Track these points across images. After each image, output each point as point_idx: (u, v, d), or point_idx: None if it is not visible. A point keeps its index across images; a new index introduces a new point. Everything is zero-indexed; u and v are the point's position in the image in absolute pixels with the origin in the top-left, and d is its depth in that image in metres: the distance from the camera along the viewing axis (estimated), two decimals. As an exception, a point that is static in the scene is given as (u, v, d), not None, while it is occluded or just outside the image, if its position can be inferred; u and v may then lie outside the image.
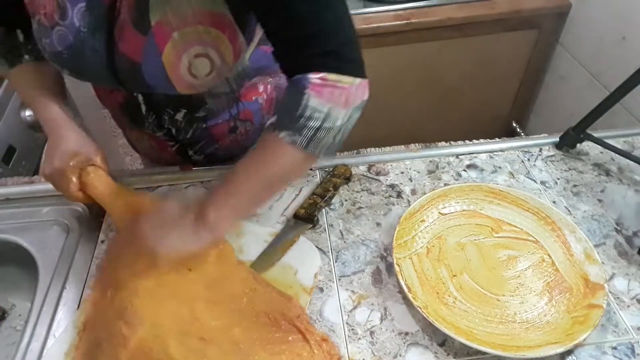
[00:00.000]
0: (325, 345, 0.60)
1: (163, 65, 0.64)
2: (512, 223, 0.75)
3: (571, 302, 0.64)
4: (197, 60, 0.64)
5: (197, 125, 0.80)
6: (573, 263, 0.68)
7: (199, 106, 0.77)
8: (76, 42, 0.65)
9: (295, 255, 0.71)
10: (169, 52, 0.63)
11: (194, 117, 0.79)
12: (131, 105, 0.77)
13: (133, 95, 0.76)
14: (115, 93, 0.78)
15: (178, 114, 0.78)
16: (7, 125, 1.16)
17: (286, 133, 0.56)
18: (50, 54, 0.68)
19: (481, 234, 0.74)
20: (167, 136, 0.82)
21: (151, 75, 0.65)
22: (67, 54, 0.66)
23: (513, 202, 0.76)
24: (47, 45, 0.67)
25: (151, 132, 0.82)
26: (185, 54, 0.63)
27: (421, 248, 0.72)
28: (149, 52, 0.63)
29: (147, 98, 0.76)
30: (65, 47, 0.65)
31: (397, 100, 1.69)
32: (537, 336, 0.60)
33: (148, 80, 0.66)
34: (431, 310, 0.62)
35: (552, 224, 0.73)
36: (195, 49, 0.63)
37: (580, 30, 1.53)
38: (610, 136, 0.90)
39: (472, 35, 1.53)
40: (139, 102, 0.76)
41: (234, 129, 0.84)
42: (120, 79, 0.68)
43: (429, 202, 0.76)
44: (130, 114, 0.80)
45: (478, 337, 0.60)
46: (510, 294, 0.66)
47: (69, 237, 0.75)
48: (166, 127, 0.80)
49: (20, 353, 0.61)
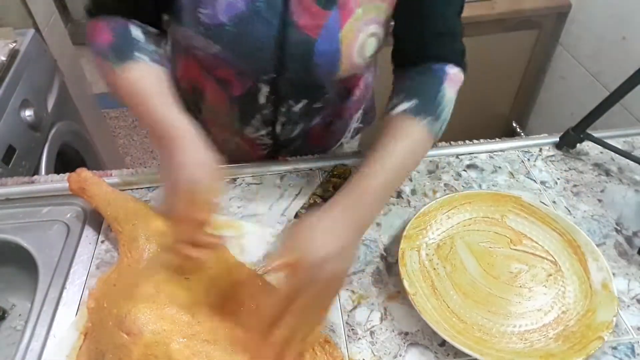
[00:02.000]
0: (327, 347, 0.60)
1: (340, 41, 0.62)
2: (534, 239, 0.73)
3: (573, 334, 0.61)
4: (369, 39, 0.64)
5: (307, 120, 0.79)
6: (586, 292, 0.65)
7: (319, 96, 0.76)
8: (249, 11, 0.60)
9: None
10: (349, 29, 0.62)
11: (311, 109, 0.77)
12: (249, 99, 0.73)
13: (258, 86, 0.71)
14: (235, 85, 0.72)
15: (298, 105, 0.75)
16: (7, 125, 1.16)
17: (428, 120, 0.59)
18: (206, 26, 0.61)
19: (498, 243, 0.72)
20: (267, 136, 0.80)
21: (323, 52, 0.63)
22: (232, 24, 0.61)
23: (541, 218, 0.74)
24: (205, 17, 0.60)
25: (254, 130, 0.79)
26: (362, 32, 0.63)
27: (432, 241, 0.72)
28: (329, 27, 0.61)
29: (275, 87, 0.71)
30: (231, 17, 0.60)
31: (397, 100, 1.69)
32: (531, 351, 0.59)
33: (317, 58, 0.63)
34: (430, 310, 0.62)
35: (576, 248, 0.70)
36: (372, 28, 0.64)
37: (580, 30, 1.53)
38: (610, 136, 0.90)
39: (472, 35, 1.53)
40: (259, 94, 0.72)
41: (328, 125, 0.83)
42: (286, 56, 0.64)
43: (456, 201, 0.76)
44: (243, 108, 0.76)
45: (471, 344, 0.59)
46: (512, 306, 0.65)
47: (69, 237, 0.75)
48: (272, 123, 0.77)
49: (20, 353, 0.61)
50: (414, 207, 0.79)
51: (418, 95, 0.60)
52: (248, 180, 0.83)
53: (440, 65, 0.62)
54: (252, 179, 0.83)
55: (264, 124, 0.78)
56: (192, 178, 0.53)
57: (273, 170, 0.84)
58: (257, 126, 0.78)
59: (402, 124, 0.59)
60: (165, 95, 0.58)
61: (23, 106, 1.22)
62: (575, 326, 0.62)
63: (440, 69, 0.62)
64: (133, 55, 0.60)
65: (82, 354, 0.60)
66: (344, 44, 0.62)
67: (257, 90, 0.72)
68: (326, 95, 0.76)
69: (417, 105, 0.59)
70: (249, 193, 0.81)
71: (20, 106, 1.22)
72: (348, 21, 0.61)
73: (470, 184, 0.83)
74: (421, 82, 0.62)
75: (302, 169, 0.84)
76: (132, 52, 0.60)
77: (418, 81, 0.63)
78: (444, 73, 0.62)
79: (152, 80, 0.59)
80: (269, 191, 0.81)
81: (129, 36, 0.62)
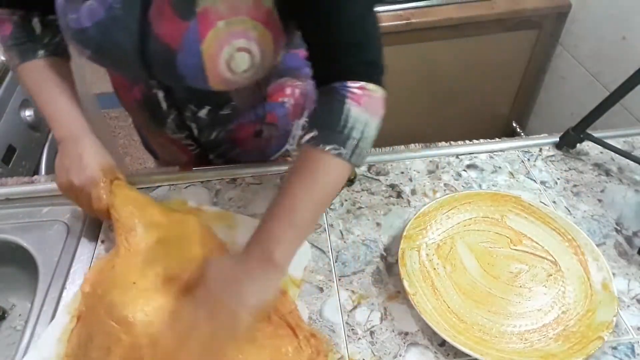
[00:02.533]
0: (313, 341, 0.60)
1: (201, 54, 0.59)
2: (534, 239, 0.73)
3: (573, 334, 0.61)
4: (238, 54, 0.60)
5: (221, 125, 0.77)
6: (586, 292, 0.65)
7: (224, 103, 0.74)
8: (107, 17, 0.60)
9: None
10: (210, 41, 0.59)
11: (218, 116, 0.76)
12: (150, 102, 0.74)
13: (152, 91, 0.72)
14: (134, 89, 0.73)
15: (202, 111, 0.74)
16: (7, 125, 1.16)
17: (332, 147, 0.55)
18: (74, 31, 0.62)
19: (498, 243, 0.72)
20: (188, 138, 0.80)
21: (186, 64, 0.61)
22: (95, 30, 0.61)
23: (540, 218, 0.74)
24: (73, 22, 0.62)
25: (171, 132, 0.78)
26: (227, 46, 0.60)
27: (432, 241, 0.72)
28: (189, 39, 0.59)
29: (168, 94, 0.72)
30: (94, 22, 0.60)
31: (397, 100, 1.68)
32: (531, 351, 0.59)
33: (181, 69, 0.61)
34: (430, 310, 0.62)
35: (576, 248, 0.70)
36: (239, 42, 0.60)
37: (580, 30, 1.53)
38: (610, 136, 0.90)
39: (472, 35, 1.53)
40: (158, 99, 0.72)
41: (259, 132, 0.81)
42: (150, 64, 0.63)
43: (456, 201, 0.76)
44: (150, 111, 0.76)
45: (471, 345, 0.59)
46: (512, 306, 0.65)
47: (69, 237, 0.75)
48: (188, 127, 0.77)
49: (20, 353, 0.61)
50: (414, 207, 0.79)
51: (318, 123, 0.57)
52: (248, 180, 0.83)
53: (341, 83, 0.57)
54: (252, 179, 0.83)
55: (178, 127, 0.78)
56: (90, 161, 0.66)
57: (273, 170, 0.84)
58: (173, 129, 0.78)
59: (307, 153, 0.56)
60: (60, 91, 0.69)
61: (23, 106, 1.23)
62: (575, 326, 0.62)
63: (342, 87, 0.56)
64: (30, 49, 0.69)
65: (74, 336, 0.61)
66: (206, 57, 0.60)
67: (154, 95, 0.72)
68: (232, 103, 0.75)
69: (319, 133, 0.55)
70: (249, 193, 0.81)
71: (20, 106, 1.22)
72: (209, 34, 0.58)
73: (470, 184, 0.83)
74: (323, 105, 0.58)
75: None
76: (30, 43, 0.69)
77: (320, 104, 0.59)
78: (345, 90, 0.56)
79: (49, 74, 0.69)
80: (269, 191, 0.81)
81: (28, 27, 0.69)
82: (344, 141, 0.55)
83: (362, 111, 0.56)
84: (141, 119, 0.81)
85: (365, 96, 0.57)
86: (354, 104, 0.56)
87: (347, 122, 0.55)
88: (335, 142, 0.55)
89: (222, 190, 0.81)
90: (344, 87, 0.56)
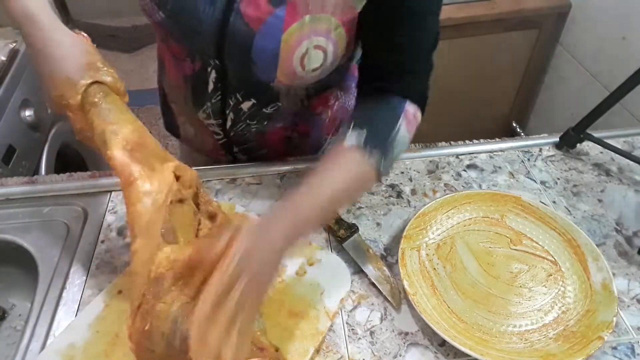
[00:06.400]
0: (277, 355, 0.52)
1: (280, 44, 0.59)
2: (534, 239, 0.73)
3: (573, 334, 0.61)
4: (314, 51, 0.61)
5: (257, 123, 0.76)
6: (586, 292, 0.65)
7: (270, 102, 0.73)
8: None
9: (326, 273, 0.67)
10: (292, 33, 0.59)
11: (259, 112, 0.75)
12: (199, 80, 0.72)
13: (206, 69, 0.69)
14: (186, 64, 0.71)
15: (245, 103, 0.73)
16: (7, 125, 1.16)
17: (376, 152, 0.56)
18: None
19: (498, 244, 0.72)
20: (219, 127, 0.78)
21: (261, 49, 0.60)
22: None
23: (540, 218, 0.74)
24: None
25: (205, 117, 0.76)
26: (307, 41, 0.60)
27: (432, 241, 0.72)
28: (271, 25, 0.59)
29: (220, 76, 0.69)
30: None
31: (397, 100, 1.69)
32: (531, 351, 0.59)
33: (256, 53, 0.61)
34: (430, 310, 0.62)
35: (576, 248, 0.70)
36: (319, 40, 0.60)
37: (580, 30, 1.53)
38: (610, 136, 0.90)
39: (472, 35, 1.53)
40: (208, 79, 0.70)
41: (288, 139, 0.81)
42: (224, 41, 0.62)
43: (456, 201, 0.76)
44: (193, 89, 0.74)
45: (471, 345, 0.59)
46: (512, 306, 0.65)
47: (69, 237, 0.75)
48: (224, 116, 0.75)
49: (20, 353, 0.61)
50: (414, 207, 0.79)
51: (371, 124, 0.58)
52: (248, 180, 0.83)
53: (401, 101, 0.60)
54: (252, 179, 0.83)
55: (214, 113, 0.76)
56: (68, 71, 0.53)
57: (273, 171, 0.84)
58: (209, 113, 0.76)
59: (349, 155, 0.56)
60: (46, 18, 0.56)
61: (23, 106, 1.23)
62: (576, 326, 0.62)
63: (400, 105, 0.60)
64: None
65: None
66: (283, 47, 0.60)
67: (206, 74, 0.70)
68: (278, 103, 0.74)
69: (368, 134, 0.56)
70: (249, 193, 0.81)
71: (20, 106, 1.22)
72: (293, 25, 0.59)
73: (470, 184, 0.83)
74: (380, 112, 0.60)
75: (302, 169, 0.84)
76: None
77: (375, 110, 0.61)
78: (402, 110, 0.60)
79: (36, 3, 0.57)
80: (269, 191, 0.81)
81: None
82: (387, 151, 0.58)
83: (407, 132, 0.60)
84: (180, 96, 0.79)
85: (414, 121, 0.61)
86: (404, 124, 0.59)
87: (396, 136, 0.59)
88: (380, 148, 0.57)
89: (222, 190, 0.81)
90: (402, 105, 0.60)
